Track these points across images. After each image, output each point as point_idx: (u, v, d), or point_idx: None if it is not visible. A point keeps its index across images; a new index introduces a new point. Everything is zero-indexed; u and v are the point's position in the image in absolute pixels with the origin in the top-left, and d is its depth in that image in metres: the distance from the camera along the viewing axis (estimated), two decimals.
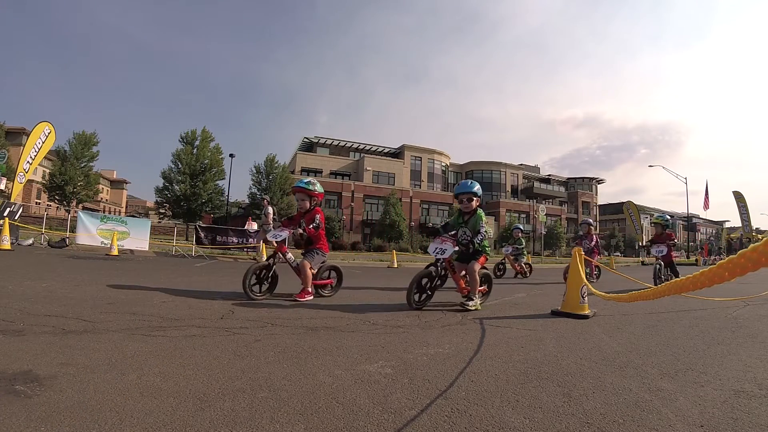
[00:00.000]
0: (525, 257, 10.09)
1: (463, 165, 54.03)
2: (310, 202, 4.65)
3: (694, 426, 1.57)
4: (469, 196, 4.41)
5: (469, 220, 4.46)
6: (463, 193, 4.44)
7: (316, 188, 4.68)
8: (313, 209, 4.67)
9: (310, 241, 4.69)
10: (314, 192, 4.65)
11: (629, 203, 34.57)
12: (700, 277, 1.30)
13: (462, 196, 4.46)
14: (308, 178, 4.75)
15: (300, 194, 4.64)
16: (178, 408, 1.53)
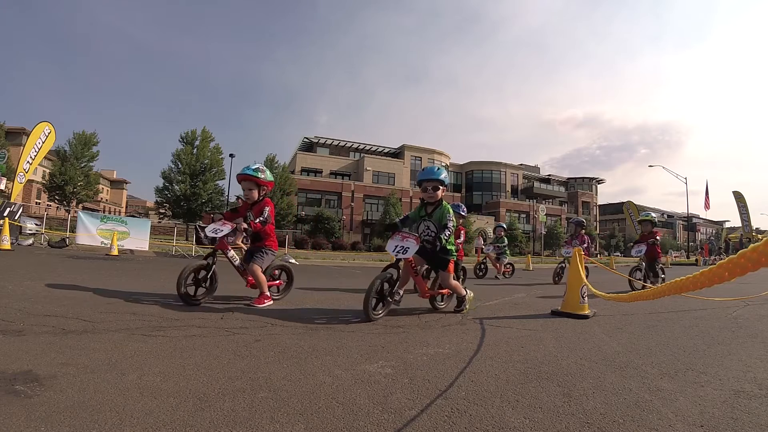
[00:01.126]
0: (507, 257, 9.77)
1: (463, 165, 54.03)
2: (259, 191, 4.05)
3: (694, 426, 1.57)
4: (434, 184, 3.78)
5: (433, 212, 3.83)
6: (427, 180, 3.79)
7: (266, 176, 4.06)
8: (261, 200, 4.06)
9: (258, 237, 4.08)
10: (263, 180, 4.02)
11: (629, 203, 34.54)
12: (700, 277, 1.30)
13: (426, 184, 3.81)
14: (256, 165, 4.08)
15: (246, 182, 4.02)
16: (178, 408, 1.53)
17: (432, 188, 3.79)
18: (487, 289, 6.72)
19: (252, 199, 4.05)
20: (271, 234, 4.13)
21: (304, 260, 13.51)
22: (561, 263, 8.58)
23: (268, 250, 4.06)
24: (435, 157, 49.30)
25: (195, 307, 3.63)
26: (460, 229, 6.17)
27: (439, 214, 3.78)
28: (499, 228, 10.28)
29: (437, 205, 3.84)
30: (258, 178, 3.98)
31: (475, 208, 48.66)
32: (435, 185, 3.79)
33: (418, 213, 3.95)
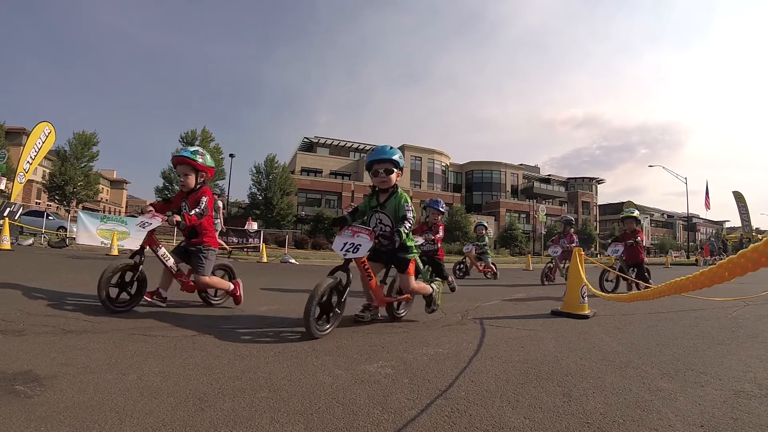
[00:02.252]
0: (490, 256, 9.31)
1: (463, 165, 54.04)
2: (197, 178, 3.47)
3: (694, 426, 1.57)
4: (386, 165, 3.07)
5: (387, 202, 3.15)
6: (378, 161, 3.08)
7: (205, 160, 3.48)
8: (198, 189, 3.47)
9: (194, 233, 3.47)
10: (201, 165, 3.43)
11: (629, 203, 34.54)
12: (700, 277, 1.30)
13: (377, 166, 3.09)
14: (195, 147, 3.53)
15: (182, 167, 3.42)
16: (178, 408, 1.53)
17: (384, 171, 3.07)
18: (487, 290, 6.72)
19: (188, 187, 3.47)
20: (209, 229, 3.56)
21: (304, 260, 13.51)
22: (549, 263, 8.14)
23: (208, 251, 3.49)
24: (435, 157, 49.33)
25: (195, 307, 3.62)
26: (439, 225, 5.90)
27: (393, 203, 3.11)
28: (480, 226, 9.77)
29: (391, 193, 3.15)
30: (195, 162, 3.39)
31: (475, 208, 48.70)
32: (387, 167, 3.07)
33: (368, 203, 3.26)
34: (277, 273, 8.62)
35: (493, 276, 8.98)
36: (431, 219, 5.94)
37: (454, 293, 5.61)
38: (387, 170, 3.10)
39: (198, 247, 3.45)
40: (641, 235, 6.53)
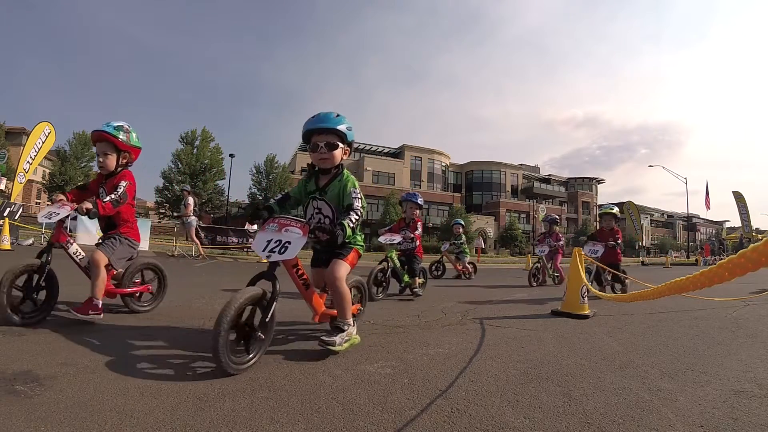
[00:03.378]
0: (467, 256, 9.01)
1: (463, 165, 54.05)
2: (118, 159, 2.89)
3: (694, 426, 1.57)
4: (329, 138, 2.36)
5: (328, 186, 2.46)
6: (317, 130, 2.37)
7: (130, 139, 2.91)
8: (118, 173, 2.91)
9: (111, 223, 2.97)
10: (124, 143, 2.86)
11: (629, 203, 34.54)
12: (700, 277, 1.30)
13: (316, 138, 2.38)
14: (120, 122, 2.89)
15: (102, 144, 2.84)
16: (178, 408, 1.53)
17: (325, 146, 2.34)
18: (487, 290, 6.73)
19: (107, 169, 2.88)
20: (129, 219, 3.02)
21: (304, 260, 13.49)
22: (536, 263, 7.76)
23: (124, 239, 2.94)
24: (435, 157, 49.34)
25: (194, 307, 3.62)
26: (418, 221, 5.36)
27: (337, 189, 2.42)
28: (457, 225, 9.37)
29: (335, 175, 2.45)
30: (116, 139, 2.81)
31: (475, 208, 48.70)
32: (330, 141, 2.34)
33: (303, 188, 2.54)
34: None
35: (469, 276, 8.83)
36: (409, 214, 5.39)
37: (450, 290, 5.59)
38: (330, 144, 2.35)
39: (113, 235, 2.91)
40: (620, 235, 5.95)
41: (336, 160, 2.43)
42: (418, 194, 5.55)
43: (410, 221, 5.35)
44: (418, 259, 5.26)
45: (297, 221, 2.23)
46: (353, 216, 2.27)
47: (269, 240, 2.18)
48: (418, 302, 4.71)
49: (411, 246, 5.20)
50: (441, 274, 9.03)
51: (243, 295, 1.98)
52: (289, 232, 2.20)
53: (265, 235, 2.23)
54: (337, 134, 2.38)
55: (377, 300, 4.62)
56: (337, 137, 2.38)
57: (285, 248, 2.15)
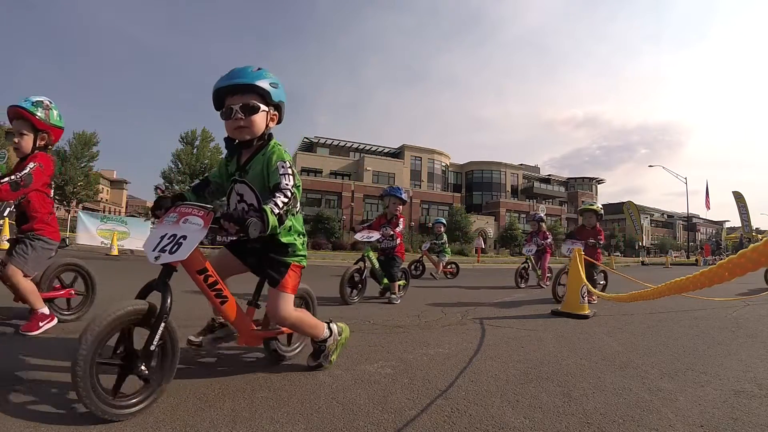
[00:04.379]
0: (448, 255, 8.83)
1: (463, 165, 54.04)
2: (35, 140, 2.51)
3: (694, 426, 1.57)
4: (246, 99, 1.76)
5: (250, 162, 1.86)
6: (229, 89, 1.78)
7: (50, 117, 2.52)
8: (31, 155, 2.48)
9: (23, 217, 2.54)
10: (42, 122, 2.48)
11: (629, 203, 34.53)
12: (700, 277, 1.30)
13: (230, 101, 1.78)
14: (40, 97, 2.52)
15: (18, 122, 2.47)
16: (178, 408, 1.53)
17: (241, 109, 1.75)
18: (486, 290, 6.73)
19: (23, 151, 2.49)
20: (41, 211, 2.56)
21: None
22: (524, 263, 7.50)
23: (37, 241, 2.50)
24: (435, 157, 49.33)
25: (194, 308, 3.62)
26: (400, 217, 4.88)
27: (260, 164, 1.82)
28: (438, 224, 9.13)
29: (258, 148, 1.85)
30: (34, 116, 2.43)
31: (475, 208, 48.67)
32: (248, 102, 1.75)
33: (224, 169, 1.98)
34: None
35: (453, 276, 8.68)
36: (391, 209, 4.88)
37: (450, 291, 5.58)
38: (247, 107, 1.75)
39: (27, 236, 2.50)
40: (602, 234, 5.55)
41: (257, 128, 1.80)
42: (401, 188, 5.10)
43: (392, 217, 4.87)
44: (398, 261, 4.81)
45: (200, 208, 1.63)
46: (280, 199, 1.65)
47: (163, 235, 1.58)
48: (418, 302, 4.70)
49: (391, 245, 4.81)
50: (420, 273, 8.79)
51: (114, 314, 1.42)
52: (188, 223, 1.60)
53: (160, 229, 1.62)
54: (258, 93, 1.76)
55: (352, 303, 4.27)
56: (258, 97, 1.77)
57: (178, 245, 1.53)
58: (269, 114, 1.85)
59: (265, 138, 1.87)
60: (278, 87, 1.84)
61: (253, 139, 1.83)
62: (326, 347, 2.07)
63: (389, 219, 4.87)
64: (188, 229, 1.58)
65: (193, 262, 1.66)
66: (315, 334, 2.03)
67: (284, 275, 1.87)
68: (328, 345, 2.07)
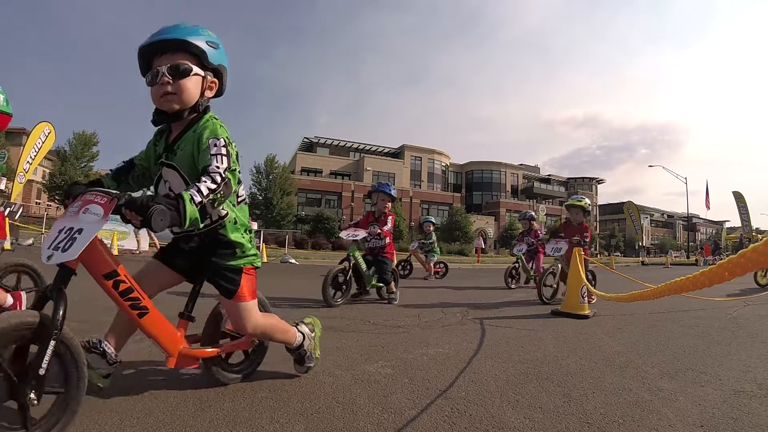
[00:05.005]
0: (437, 255, 8.67)
1: (463, 165, 54.05)
2: None
3: (694, 426, 1.57)
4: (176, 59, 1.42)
5: (180, 140, 1.52)
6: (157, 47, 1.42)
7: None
8: None
9: None
10: None
11: (629, 203, 34.52)
12: (700, 277, 1.30)
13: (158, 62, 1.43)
14: None
15: None
16: (178, 408, 1.53)
17: (169, 71, 1.43)
18: (487, 290, 6.72)
19: None
20: None
21: (304, 260, 13.52)
22: (514, 263, 7.32)
23: None
24: (435, 157, 49.35)
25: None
26: (389, 215, 4.63)
27: (190, 142, 1.49)
28: (427, 223, 8.88)
29: (190, 122, 1.52)
30: None
31: (475, 208, 48.69)
32: (179, 63, 1.43)
33: (152, 150, 1.63)
34: (276, 273, 8.63)
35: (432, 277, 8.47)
36: (380, 207, 4.66)
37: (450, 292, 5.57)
38: (177, 69, 1.42)
39: None
40: (590, 232, 5.21)
41: (188, 96, 1.45)
42: (390, 185, 4.87)
43: (380, 215, 4.64)
44: (388, 262, 4.57)
45: (104, 195, 1.31)
46: (205, 184, 1.30)
47: (61, 229, 1.29)
48: (417, 302, 4.70)
49: (379, 244, 4.58)
50: (408, 273, 8.60)
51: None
52: (87, 213, 1.30)
53: (60, 222, 1.34)
54: (190, 52, 1.44)
55: (336, 305, 4.09)
56: (191, 58, 1.44)
57: (72, 240, 1.26)
58: (206, 80, 1.51)
59: (200, 110, 1.52)
60: (218, 48, 1.51)
61: (184, 111, 1.48)
62: (305, 350, 1.91)
63: (377, 217, 4.66)
64: (85, 221, 1.28)
65: (97, 263, 1.35)
66: (287, 339, 1.83)
67: (238, 284, 1.59)
68: (306, 347, 1.91)
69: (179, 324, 1.63)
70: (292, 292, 5.28)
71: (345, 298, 4.32)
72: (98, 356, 1.47)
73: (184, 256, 1.64)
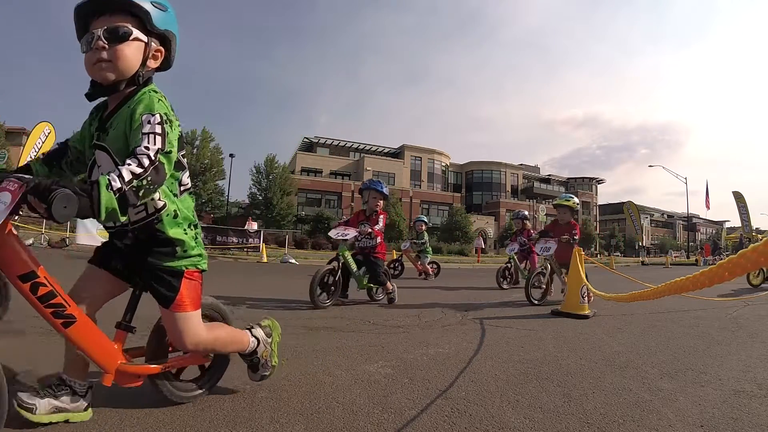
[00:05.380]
0: (429, 255, 8.59)
1: (463, 165, 54.08)
2: None
3: (694, 426, 1.57)
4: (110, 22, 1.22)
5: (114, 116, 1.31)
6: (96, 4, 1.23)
7: None
8: None
9: None
10: None
11: (629, 203, 34.51)
12: (700, 277, 1.30)
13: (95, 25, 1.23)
14: None
15: None
16: (178, 408, 1.53)
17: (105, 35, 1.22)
18: (487, 290, 6.72)
19: None
20: None
21: (304, 260, 13.51)
22: (507, 263, 7.24)
23: None
24: (435, 157, 49.39)
25: None
26: (380, 213, 4.49)
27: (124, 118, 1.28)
28: (419, 222, 8.78)
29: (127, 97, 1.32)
30: None
31: (475, 208, 48.71)
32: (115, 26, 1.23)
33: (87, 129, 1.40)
34: (277, 273, 8.63)
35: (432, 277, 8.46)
36: (371, 205, 4.51)
37: (449, 293, 5.56)
38: (114, 32, 1.23)
39: None
40: (578, 230, 5.11)
41: (126, 64, 1.25)
42: (382, 182, 4.65)
43: (371, 214, 4.49)
44: (380, 263, 4.42)
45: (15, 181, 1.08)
46: (130, 167, 1.10)
47: None
48: (417, 302, 4.70)
49: (370, 244, 4.42)
50: (399, 273, 8.52)
51: None
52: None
53: None
54: (132, 14, 1.25)
55: (324, 307, 3.96)
56: (132, 20, 1.26)
57: None
58: (149, 48, 1.30)
59: (139, 82, 1.31)
60: (167, 11, 1.32)
61: (121, 82, 1.27)
62: (260, 357, 1.69)
63: (368, 215, 4.51)
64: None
65: (10, 262, 1.19)
66: (240, 348, 1.62)
67: (177, 289, 1.36)
68: (260, 354, 1.69)
69: (116, 336, 1.42)
70: (290, 293, 5.28)
71: (333, 299, 4.16)
72: (68, 396, 1.34)
73: (119, 256, 1.41)
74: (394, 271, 8.35)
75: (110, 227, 1.40)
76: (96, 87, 1.29)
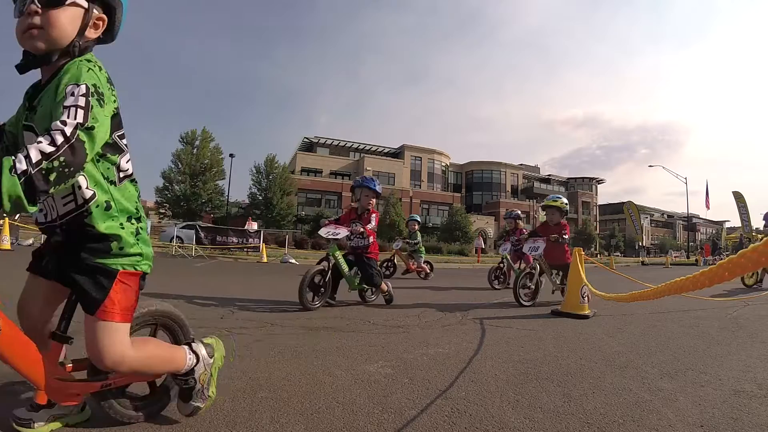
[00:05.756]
0: (423, 255, 8.49)
1: (463, 165, 54.08)
2: None
3: (694, 426, 1.57)
4: None
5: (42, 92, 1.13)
6: None
7: None
8: None
9: None
10: None
11: (629, 203, 34.51)
12: (700, 277, 1.30)
13: None
14: None
15: None
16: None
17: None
18: (487, 290, 6.72)
19: None
20: None
21: (304, 260, 13.51)
22: (500, 263, 7.13)
23: None
24: (435, 157, 49.39)
25: (193, 308, 3.63)
26: (372, 212, 4.36)
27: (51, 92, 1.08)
28: (412, 222, 8.71)
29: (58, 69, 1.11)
30: None
31: (475, 208, 48.72)
32: None
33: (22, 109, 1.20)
34: (277, 273, 8.63)
35: (426, 276, 8.34)
36: (363, 203, 4.37)
37: (450, 293, 5.56)
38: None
39: None
40: (568, 229, 5.07)
41: (60, 32, 1.10)
42: (375, 180, 4.49)
43: (363, 212, 4.37)
44: (373, 263, 4.29)
45: None
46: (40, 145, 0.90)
47: None
48: (417, 302, 4.70)
49: (362, 243, 4.29)
50: (392, 273, 8.41)
51: None
52: None
53: None
54: None
55: (313, 309, 3.84)
56: None
57: None
58: (88, 14, 1.15)
59: (75, 53, 1.13)
60: None
61: (54, 53, 1.11)
62: (196, 380, 1.40)
63: (360, 214, 4.38)
64: None
65: None
66: (175, 368, 1.37)
67: (107, 292, 1.15)
68: (198, 376, 1.40)
69: (51, 347, 1.23)
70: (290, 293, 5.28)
71: (323, 301, 4.03)
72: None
73: (54, 258, 1.22)
74: (386, 270, 8.30)
75: (41, 223, 1.21)
76: (28, 57, 1.11)
